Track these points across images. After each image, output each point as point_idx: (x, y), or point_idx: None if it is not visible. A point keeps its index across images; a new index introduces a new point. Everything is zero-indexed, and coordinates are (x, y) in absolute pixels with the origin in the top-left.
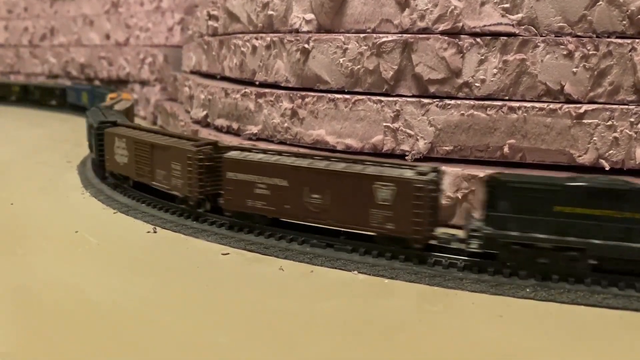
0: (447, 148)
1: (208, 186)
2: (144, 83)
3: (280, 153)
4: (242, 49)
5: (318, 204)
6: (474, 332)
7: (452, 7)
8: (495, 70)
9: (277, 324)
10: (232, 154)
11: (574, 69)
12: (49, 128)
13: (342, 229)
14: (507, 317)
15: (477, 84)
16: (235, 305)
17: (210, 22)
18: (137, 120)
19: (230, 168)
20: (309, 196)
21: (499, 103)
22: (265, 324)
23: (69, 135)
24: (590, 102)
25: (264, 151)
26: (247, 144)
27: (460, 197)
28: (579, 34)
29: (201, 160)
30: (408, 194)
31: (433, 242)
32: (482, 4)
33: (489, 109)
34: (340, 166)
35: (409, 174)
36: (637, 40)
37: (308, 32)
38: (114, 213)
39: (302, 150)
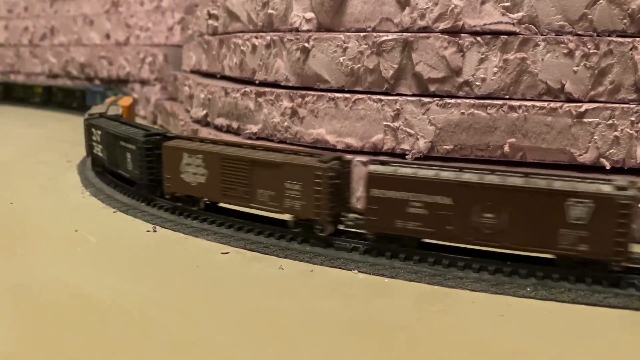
0: (447, 147)
1: (337, 207)
2: (144, 82)
3: (431, 166)
4: (242, 48)
5: (492, 224)
6: (474, 331)
7: (453, 5)
8: (495, 69)
9: (276, 323)
10: (377, 168)
11: (575, 68)
12: (49, 128)
13: (521, 252)
14: (507, 316)
15: (477, 83)
16: (234, 304)
17: (210, 21)
18: (137, 120)
19: (376, 184)
20: (480, 216)
21: (500, 102)
22: (264, 323)
23: (68, 135)
24: (591, 101)
25: (411, 164)
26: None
27: None
28: (579, 32)
29: (332, 178)
30: (610, 212)
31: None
32: (483, 3)
33: (489, 107)
34: (518, 181)
35: (607, 188)
36: (637, 38)
37: (308, 31)
38: (114, 212)
39: (301, 149)
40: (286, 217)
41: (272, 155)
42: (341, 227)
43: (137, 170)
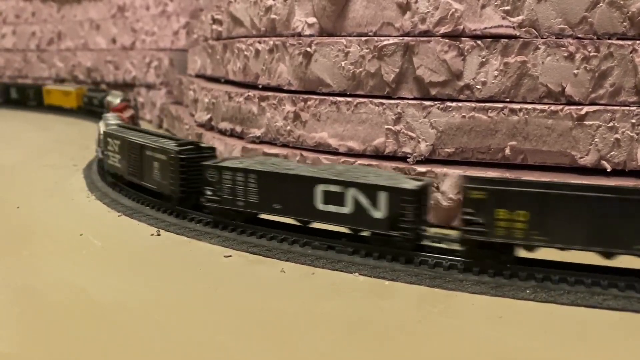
0: (448, 150)
1: None
2: (149, 87)
3: None
4: (246, 52)
5: None
6: (473, 333)
7: (453, 9)
8: (496, 73)
9: (278, 325)
10: None
11: (575, 71)
12: (56, 131)
13: None
14: (506, 318)
15: (478, 86)
16: (237, 307)
17: (214, 26)
18: (143, 124)
19: None
20: None
21: (500, 105)
22: (266, 325)
23: (75, 138)
24: (592, 103)
25: None
26: None
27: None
28: (579, 35)
29: None
30: None
31: None
32: (483, 7)
33: (490, 111)
34: None
35: None
36: (637, 41)
37: (310, 35)
38: (119, 216)
39: (304, 153)
40: None
41: None
42: None
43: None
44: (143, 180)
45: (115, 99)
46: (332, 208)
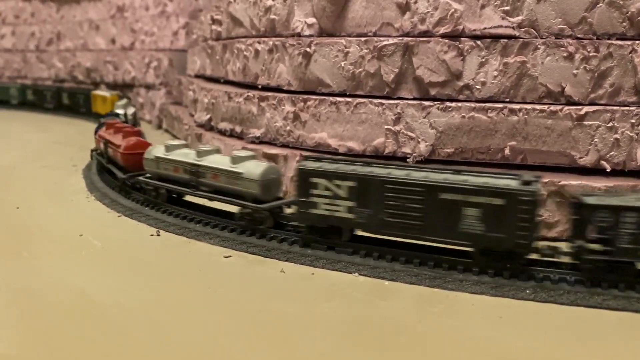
0: (448, 150)
1: None
2: (149, 87)
3: None
4: (245, 53)
5: None
6: (473, 333)
7: (453, 10)
8: (495, 73)
9: (278, 325)
10: None
11: (575, 71)
12: (55, 132)
13: None
14: (506, 318)
15: (477, 87)
16: (236, 307)
17: (213, 27)
18: (142, 124)
19: None
20: None
21: (500, 105)
22: (266, 325)
23: (74, 139)
24: (591, 103)
25: None
26: None
27: None
28: (579, 35)
29: None
30: None
31: None
32: (483, 7)
33: (489, 111)
34: None
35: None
36: (637, 41)
37: (310, 36)
38: (118, 216)
39: (304, 153)
40: None
41: None
42: None
43: None
44: (430, 234)
45: (122, 109)
46: None
